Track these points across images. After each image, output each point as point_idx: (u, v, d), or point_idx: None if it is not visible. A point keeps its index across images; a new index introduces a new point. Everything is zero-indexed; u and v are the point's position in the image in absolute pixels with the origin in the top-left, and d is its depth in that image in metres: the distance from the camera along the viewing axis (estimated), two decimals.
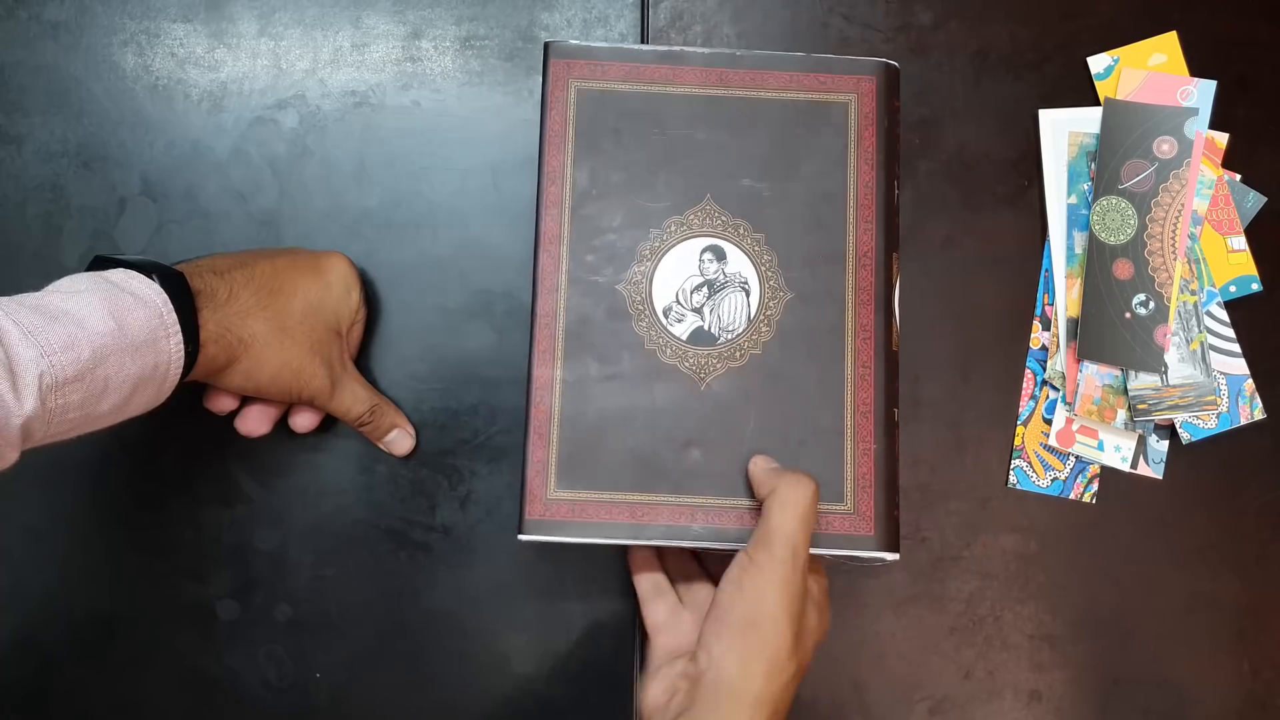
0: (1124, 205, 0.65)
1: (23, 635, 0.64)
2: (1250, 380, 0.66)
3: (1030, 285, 0.66)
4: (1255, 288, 0.66)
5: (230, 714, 0.64)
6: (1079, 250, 0.66)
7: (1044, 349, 0.66)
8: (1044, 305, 0.66)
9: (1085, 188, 0.66)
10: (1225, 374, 0.65)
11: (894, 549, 0.57)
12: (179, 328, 0.52)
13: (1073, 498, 0.66)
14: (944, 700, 0.65)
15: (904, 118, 0.65)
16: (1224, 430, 0.65)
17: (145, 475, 0.65)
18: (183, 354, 0.52)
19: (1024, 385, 0.66)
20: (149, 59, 0.66)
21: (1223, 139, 0.66)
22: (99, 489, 0.65)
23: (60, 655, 0.64)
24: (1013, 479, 0.66)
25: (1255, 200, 0.66)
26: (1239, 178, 0.66)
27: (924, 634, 0.65)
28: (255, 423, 0.61)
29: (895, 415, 0.59)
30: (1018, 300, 0.67)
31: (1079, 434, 0.66)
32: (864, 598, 0.65)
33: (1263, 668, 0.66)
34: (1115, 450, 0.66)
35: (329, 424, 0.64)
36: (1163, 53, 0.67)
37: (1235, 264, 0.66)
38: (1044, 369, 0.66)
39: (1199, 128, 0.65)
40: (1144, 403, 0.64)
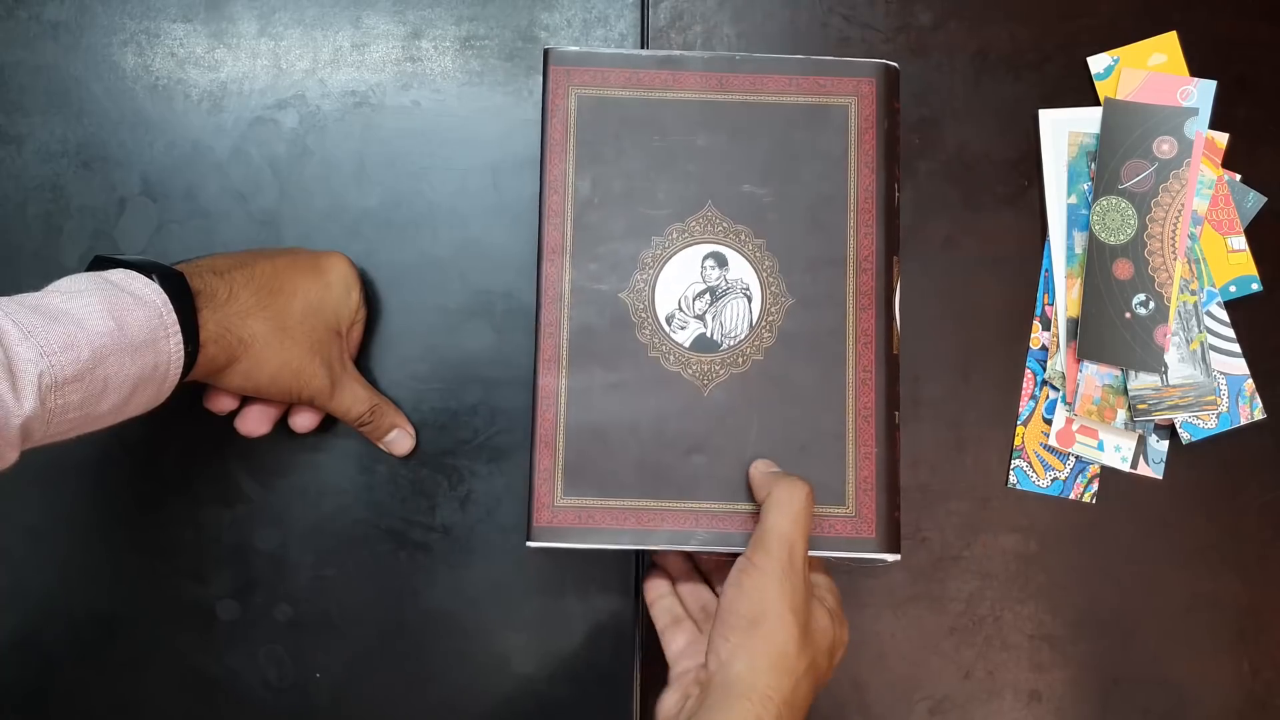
0: (1124, 205, 0.65)
1: (23, 635, 0.64)
2: (1250, 380, 0.66)
3: (1030, 285, 0.66)
4: (1255, 288, 0.66)
5: (230, 714, 0.64)
6: (1079, 250, 0.65)
7: (1044, 349, 0.66)
8: (1044, 305, 0.66)
9: (1085, 188, 0.66)
10: (1225, 374, 0.65)
11: (895, 550, 0.58)
12: (179, 328, 0.52)
13: (1073, 498, 0.66)
14: (944, 700, 0.65)
15: (904, 118, 0.65)
16: (1224, 430, 0.65)
17: (145, 475, 0.65)
18: (182, 354, 0.52)
19: (1024, 385, 0.66)
20: (149, 59, 0.66)
21: (1223, 139, 0.66)
22: (99, 489, 0.65)
23: (60, 655, 0.64)
24: (1013, 479, 0.66)
25: (1255, 200, 0.66)
26: (1239, 178, 0.66)
27: (924, 634, 0.65)
28: (255, 423, 0.61)
29: (896, 418, 0.59)
30: (1018, 300, 0.66)
31: (1079, 434, 0.65)
32: (864, 598, 0.65)
33: (1263, 668, 0.66)
34: (1115, 450, 0.66)
35: (329, 424, 0.64)
36: (1163, 53, 0.67)
37: (1235, 264, 0.66)
38: (1044, 369, 0.66)
39: (1199, 128, 0.65)
40: (1144, 403, 0.64)
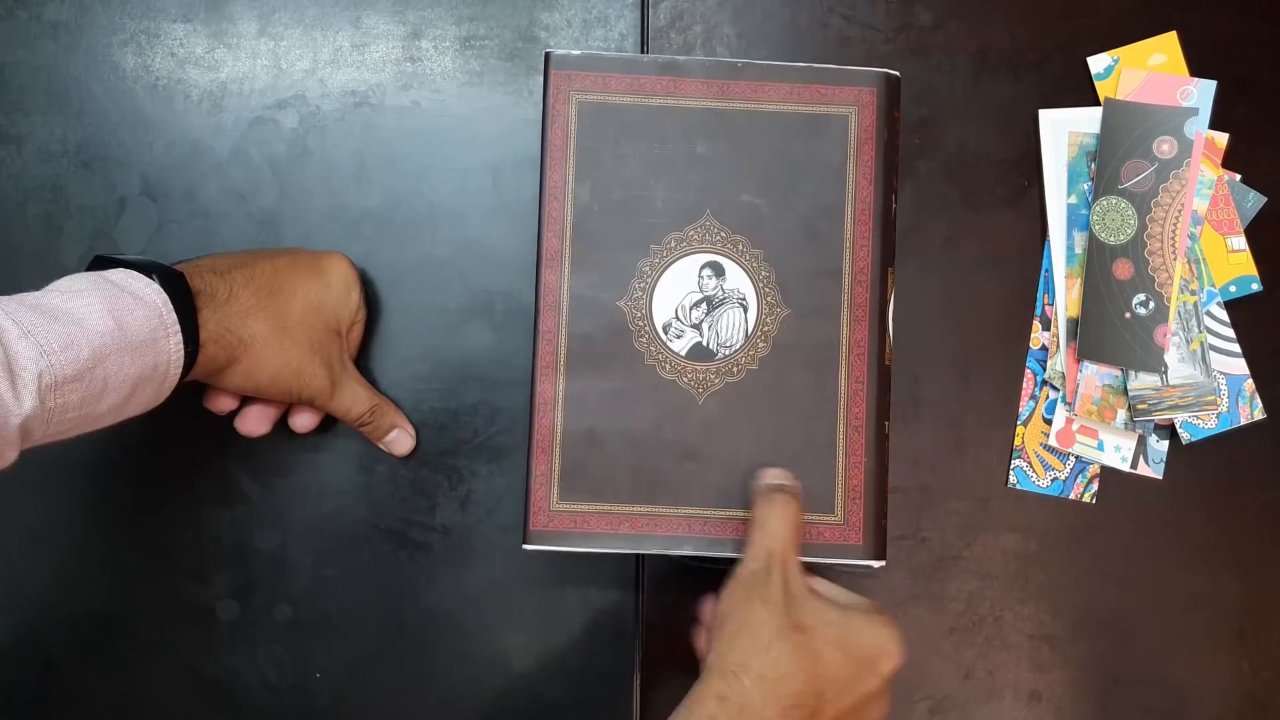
0: (1124, 205, 0.65)
1: (23, 635, 0.64)
2: (1250, 380, 0.66)
3: (1030, 285, 0.66)
4: (1255, 288, 0.66)
5: (230, 714, 0.64)
6: (1079, 250, 0.65)
7: (1044, 349, 0.66)
8: (1044, 305, 0.66)
9: (1085, 188, 0.66)
10: (1225, 374, 0.65)
11: (881, 557, 0.59)
12: (179, 327, 0.52)
13: (1073, 498, 0.66)
14: (944, 700, 0.65)
15: (904, 117, 0.65)
16: (1224, 430, 0.65)
17: (145, 475, 0.65)
18: (182, 354, 0.52)
19: (1024, 385, 0.66)
20: (149, 59, 0.66)
21: (1223, 139, 0.66)
22: (99, 489, 0.65)
23: (60, 655, 0.64)
24: (1013, 479, 0.66)
25: (1255, 200, 0.66)
26: (1239, 178, 0.66)
27: (924, 634, 0.65)
28: (255, 423, 0.61)
29: (886, 428, 0.60)
30: (1018, 300, 0.66)
31: (1079, 434, 0.65)
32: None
33: (1263, 668, 0.66)
34: (1115, 450, 0.66)
35: (329, 424, 0.64)
36: (1163, 53, 0.67)
37: (1235, 264, 0.66)
38: (1044, 369, 0.66)
39: (1199, 128, 0.65)
40: (1144, 403, 0.64)
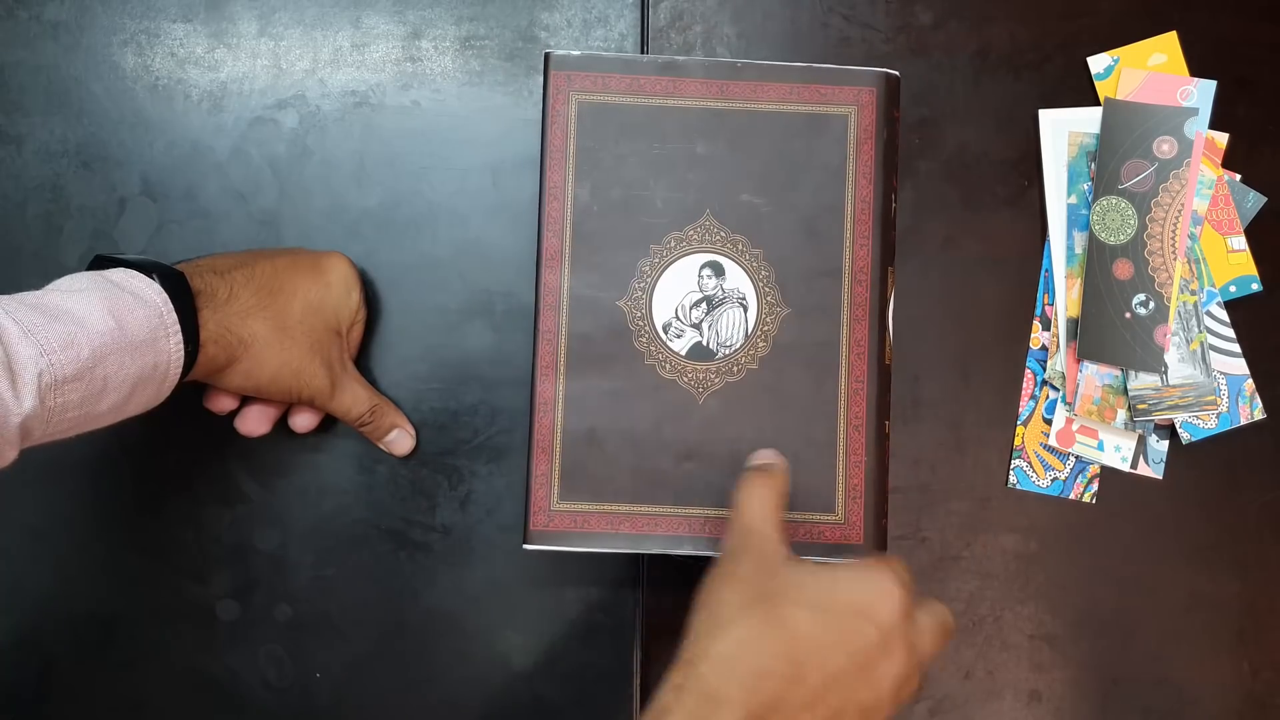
0: (1124, 205, 0.65)
1: (23, 635, 0.64)
2: (1250, 380, 0.66)
3: (1030, 285, 0.66)
4: (1255, 288, 0.66)
5: (230, 714, 0.64)
6: (1079, 250, 0.65)
7: (1044, 349, 0.66)
8: (1044, 305, 0.66)
9: (1085, 188, 0.66)
10: (1225, 374, 0.65)
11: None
12: (179, 327, 0.52)
13: (1073, 498, 0.66)
14: (944, 700, 0.65)
15: (904, 117, 0.65)
16: (1224, 430, 0.65)
17: (145, 475, 0.65)
18: (182, 354, 0.52)
19: (1024, 385, 0.66)
20: (149, 59, 0.66)
21: (1223, 139, 0.66)
22: (99, 489, 0.65)
23: (60, 655, 0.64)
24: (1013, 479, 0.66)
25: (1255, 200, 0.66)
26: (1239, 178, 0.66)
27: None
28: (255, 423, 0.61)
29: (886, 427, 0.60)
30: (1018, 300, 0.66)
31: (1079, 434, 0.65)
32: None
33: (1263, 668, 0.66)
34: (1115, 450, 0.66)
35: (329, 424, 0.64)
36: (1163, 53, 0.67)
37: (1235, 264, 0.66)
38: (1044, 369, 0.66)
39: (1199, 128, 0.65)
40: (1144, 403, 0.64)
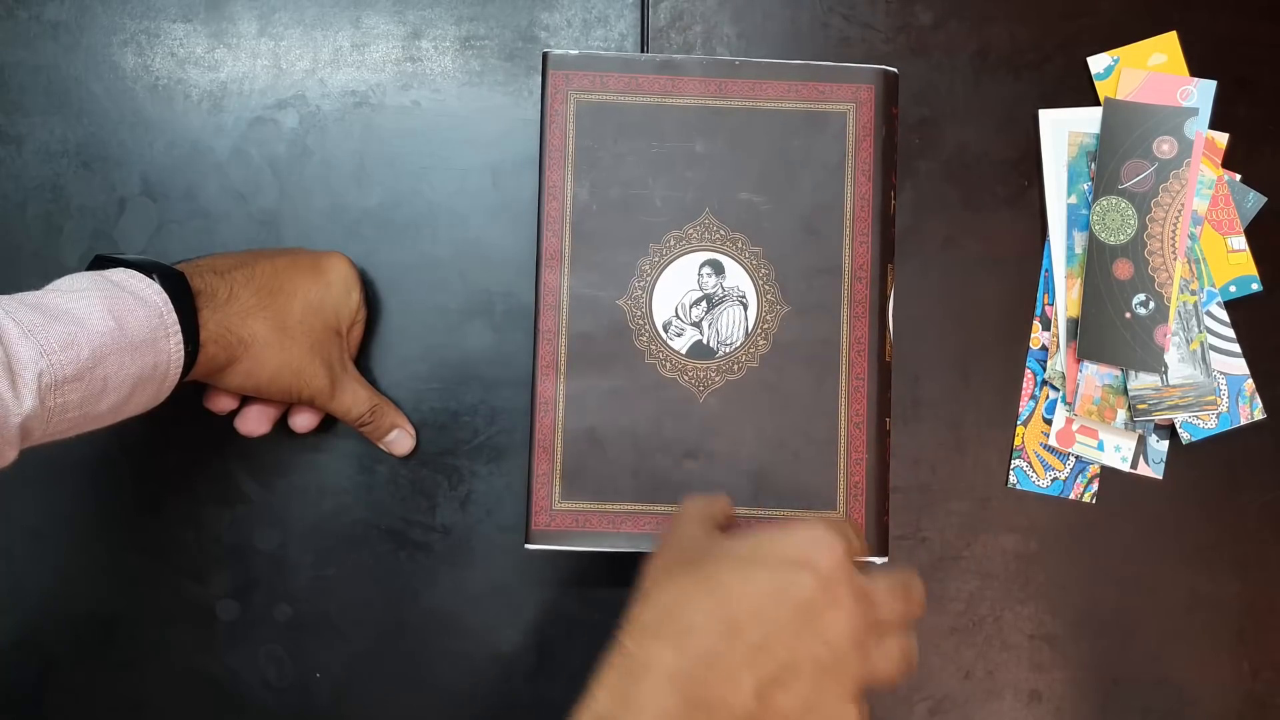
0: (1124, 205, 0.65)
1: (23, 635, 0.64)
2: (1250, 380, 0.66)
3: (1030, 285, 0.66)
4: (1255, 288, 0.66)
5: (230, 714, 0.64)
6: (1079, 250, 0.65)
7: (1044, 349, 0.66)
8: (1044, 305, 0.66)
9: (1085, 188, 0.66)
10: (1225, 374, 0.65)
11: (883, 554, 0.60)
12: (179, 327, 0.52)
13: (1073, 498, 0.66)
14: (944, 700, 0.65)
15: (904, 117, 0.65)
16: (1224, 430, 0.65)
17: (145, 475, 0.65)
18: (182, 354, 0.52)
19: (1024, 385, 0.66)
20: (149, 59, 0.66)
21: (1223, 139, 0.66)
22: (99, 489, 0.65)
23: (60, 655, 0.64)
24: (1013, 479, 0.66)
25: (1255, 200, 0.66)
26: (1239, 178, 0.66)
27: (924, 634, 0.65)
28: (255, 423, 0.61)
29: (887, 425, 0.60)
30: (1018, 300, 0.66)
31: (1079, 434, 0.65)
32: None
33: (1263, 668, 0.66)
34: (1115, 450, 0.66)
35: (329, 424, 0.64)
36: (1163, 53, 0.67)
37: (1235, 264, 0.66)
38: (1044, 369, 0.66)
39: (1199, 128, 0.65)
40: (1144, 403, 0.64)
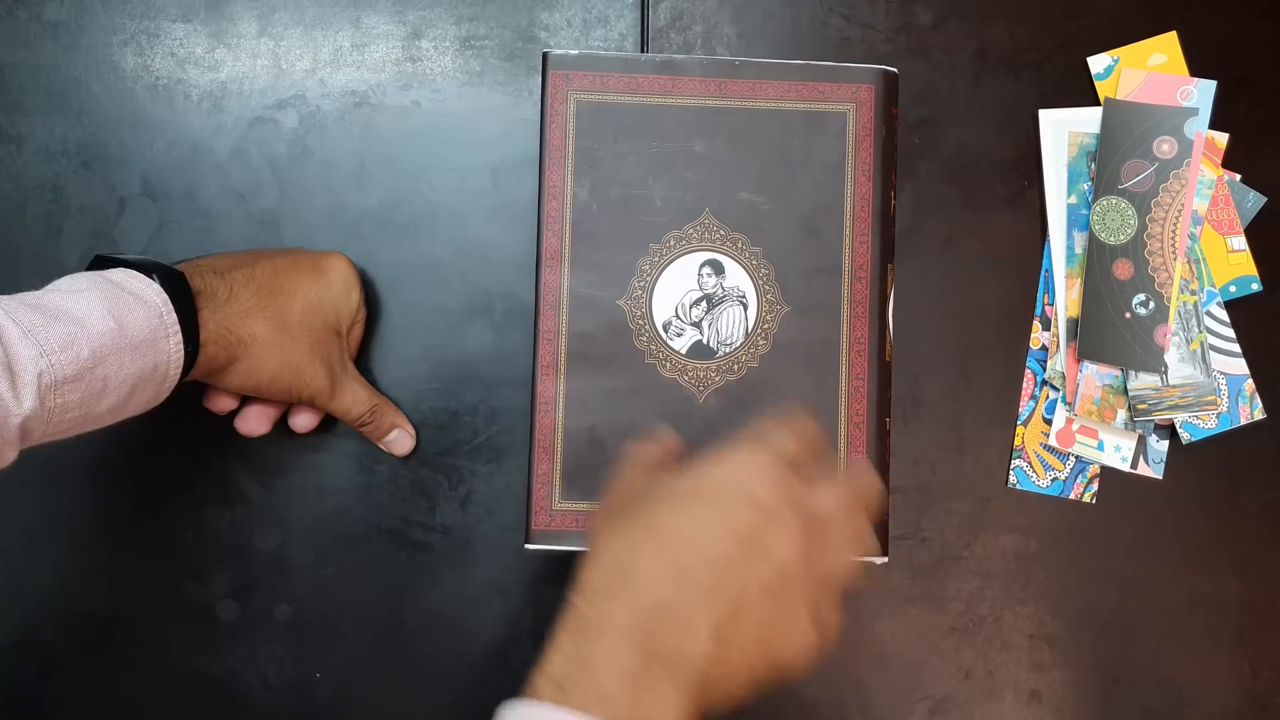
0: (1124, 205, 0.65)
1: (23, 635, 0.64)
2: (1250, 380, 0.66)
3: (1030, 285, 0.66)
4: (1255, 288, 0.66)
5: (230, 714, 0.64)
6: (1079, 250, 0.65)
7: (1044, 349, 0.66)
8: (1044, 305, 0.66)
9: (1085, 188, 0.66)
10: (1225, 374, 0.65)
11: (883, 554, 0.60)
12: (179, 327, 0.52)
13: (1073, 498, 0.66)
14: (944, 700, 0.65)
15: (904, 117, 0.65)
16: (1224, 430, 0.65)
17: (145, 475, 0.65)
18: (182, 354, 0.52)
19: (1024, 385, 0.66)
20: (149, 59, 0.66)
21: (1223, 139, 0.66)
22: (99, 489, 0.65)
23: (60, 655, 0.64)
24: (1013, 479, 0.66)
25: (1255, 200, 0.66)
26: (1239, 178, 0.66)
27: (924, 634, 0.65)
28: (255, 423, 0.61)
29: (887, 424, 0.60)
30: (1018, 300, 0.66)
31: (1079, 434, 0.65)
32: (864, 598, 0.65)
33: (1263, 668, 0.66)
34: (1115, 450, 0.66)
35: (329, 424, 0.64)
36: (1163, 53, 0.67)
37: (1235, 264, 0.66)
38: (1044, 369, 0.66)
39: (1199, 128, 0.65)
40: (1144, 403, 0.64)
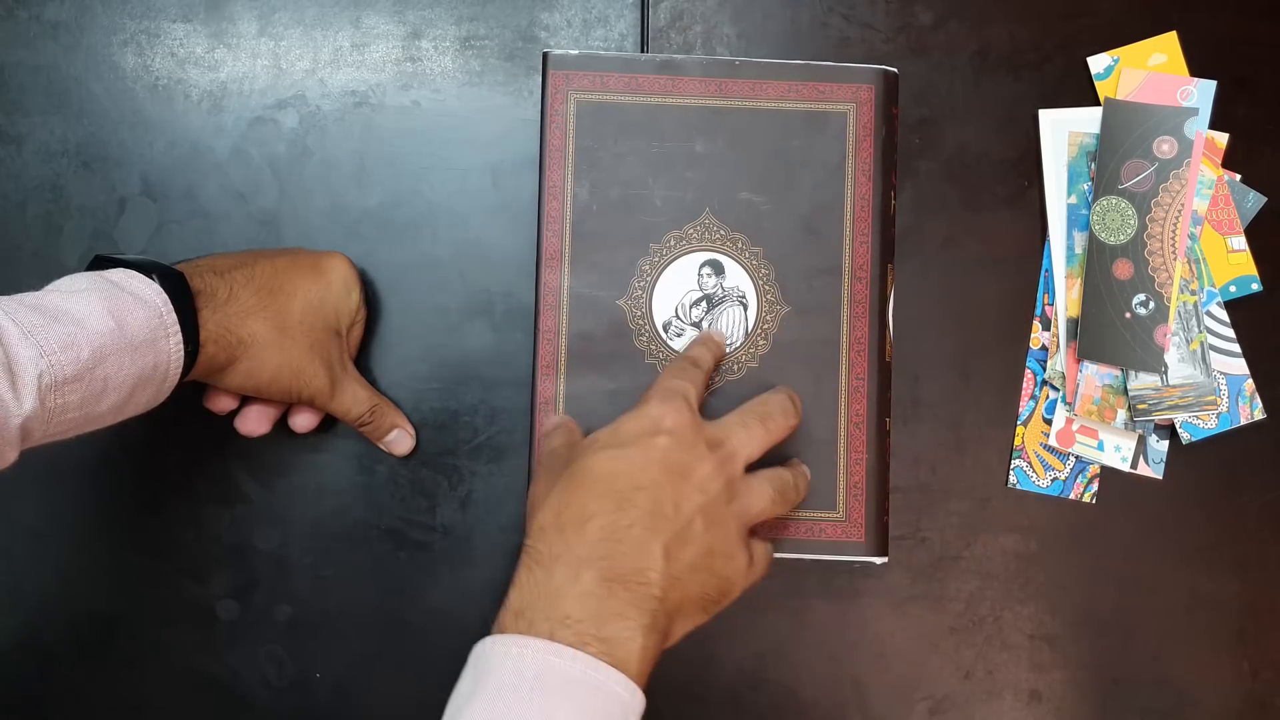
0: (1124, 205, 0.65)
1: (23, 635, 0.64)
2: (1250, 380, 0.66)
3: (1030, 285, 0.66)
4: (1255, 288, 0.66)
5: (230, 714, 0.64)
6: (1079, 250, 0.65)
7: (1044, 349, 0.66)
8: (1044, 305, 0.66)
9: (1085, 188, 0.66)
10: (1225, 374, 0.65)
11: (883, 553, 0.60)
12: (179, 327, 0.52)
13: (1073, 498, 0.66)
14: (944, 700, 0.65)
15: (904, 117, 0.65)
16: (1224, 430, 0.65)
17: (145, 475, 0.65)
18: (182, 354, 0.52)
19: (1024, 385, 0.66)
20: (149, 59, 0.66)
21: (1223, 139, 0.66)
22: (99, 489, 0.65)
23: (60, 655, 0.64)
24: (1013, 479, 0.66)
25: (1255, 200, 0.66)
26: (1239, 178, 0.66)
27: (924, 634, 0.65)
28: (255, 423, 0.61)
29: (887, 424, 0.60)
30: (1018, 300, 0.66)
31: (1079, 434, 0.65)
32: (864, 598, 0.65)
33: (1263, 668, 0.66)
34: (1115, 450, 0.65)
35: (329, 424, 0.64)
36: (1163, 53, 0.67)
37: (1235, 264, 0.66)
38: (1044, 369, 0.66)
39: (1199, 128, 0.65)
40: (1144, 403, 0.64)
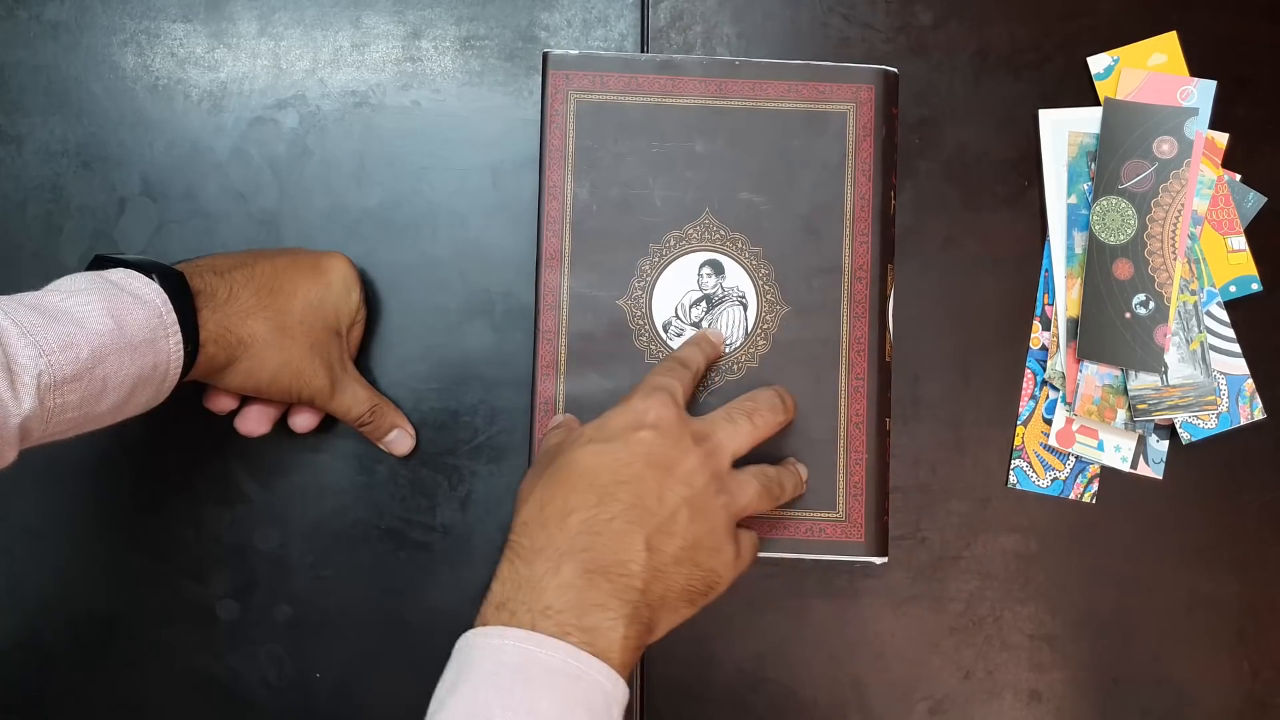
0: (1124, 205, 0.65)
1: (23, 635, 0.64)
2: (1250, 380, 0.66)
3: (1030, 285, 0.66)
4: (1255, 288, 0.66)
5: (230, 714, 0.64)
6: (1079, 250, 0.65)
7: (1044, 349, 0.66)
8: (1044, 305, 0.66)
9: (1085, 188, 0.66)
10: (1225, 374, 0.65)
11: (883, 553, 0.60)
12: (178, 327, 0.52)
13: (1073, 498, 0.66)
14: (944, 700, 0.65)
15: (904, 117, 0.65)
16: (1224, 430, 0.65)
17: (145, 475, 0.65)
18: (182, 354, 0.52)
19: (1024, 385, 0.66)
20: (149, 59, 0.66)
21: (1223, 139, 0.66)
22: (99, 489, 0.65)
23: (60, 655, 0.64)
24: (1013, 479, 0.66)
25: (1255, 200, 0.66)
26: (1239, 178, 0.66)
27: (924, 634, 0.65)
28: (255, 423, 0.61)
29: (887, 424, 0.60)
30: (1018, 300, 0.66)
31: (1079, 434, 0.65)
32: (864, 598, 0.65)
33: (1263, 668, 0.65)
34: (1115, 450, 0.65)
35: (329, 424, 0.64)
36: (1163, 53, 0.67)
37: (1235, 264, 0.66)
38: (1044, 369, 0.66)
39: (1199, 128, 0.65)
40: (1144, 403, 0.64)
